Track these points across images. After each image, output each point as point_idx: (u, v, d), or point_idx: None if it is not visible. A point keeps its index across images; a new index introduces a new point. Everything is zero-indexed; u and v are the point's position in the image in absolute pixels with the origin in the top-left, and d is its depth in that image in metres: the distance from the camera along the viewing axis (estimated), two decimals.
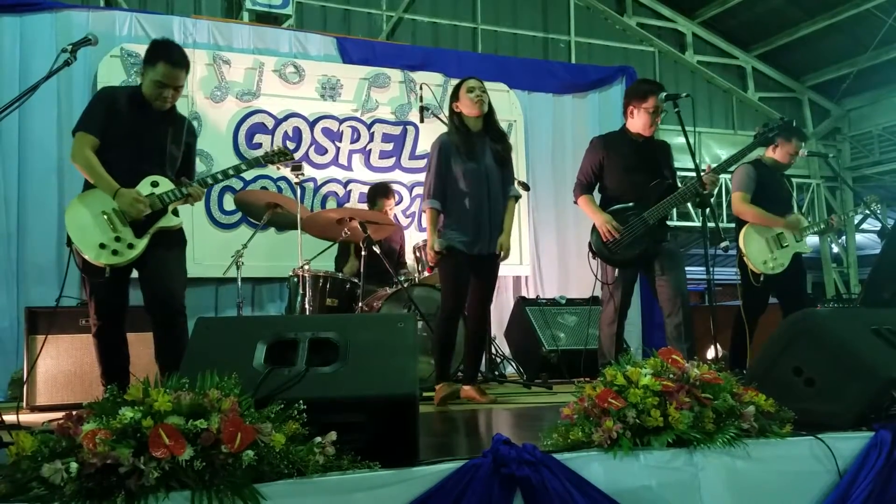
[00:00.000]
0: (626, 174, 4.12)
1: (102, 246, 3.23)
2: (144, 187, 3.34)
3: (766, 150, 4.87)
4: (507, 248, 4.11)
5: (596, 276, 4.16)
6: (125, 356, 3.42)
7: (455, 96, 4.08)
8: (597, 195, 4.27)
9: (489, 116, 4.09)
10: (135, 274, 3.41)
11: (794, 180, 9.19)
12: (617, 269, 4.09)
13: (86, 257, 3.24)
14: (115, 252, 3.24)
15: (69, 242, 3.29)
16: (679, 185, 4.20)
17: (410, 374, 2.03)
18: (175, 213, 3.44)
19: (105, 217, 3.26)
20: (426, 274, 5.02)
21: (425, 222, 4.11)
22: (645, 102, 4.10)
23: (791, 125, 4.49)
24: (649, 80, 4.88)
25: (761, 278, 4.59)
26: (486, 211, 3.99)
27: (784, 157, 4.80)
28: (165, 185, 3.38)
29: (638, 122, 4.14)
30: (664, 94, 4.01)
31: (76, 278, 5.41)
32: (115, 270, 3.26)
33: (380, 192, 5.61)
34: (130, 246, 3.27)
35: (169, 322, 3.31)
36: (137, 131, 3.38)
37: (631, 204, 4.06)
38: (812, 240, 10.55)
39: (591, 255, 4.16)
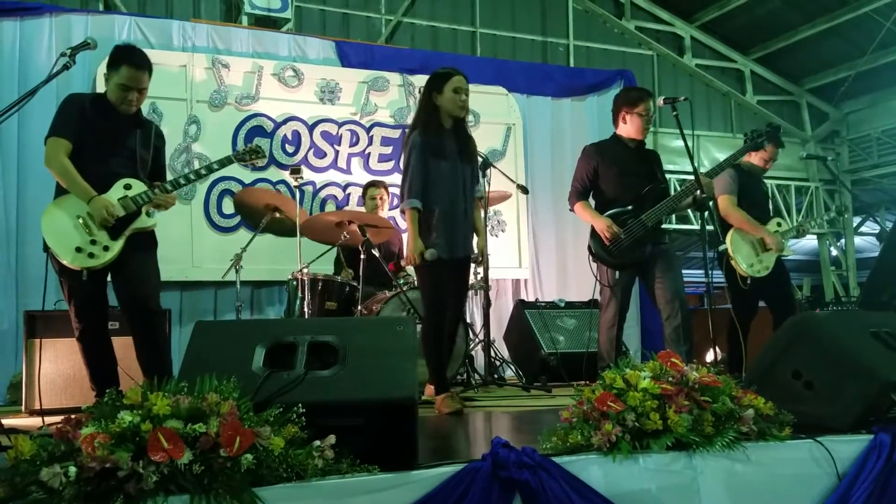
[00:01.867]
0: (620, 178, 4.18)
1: (79, 250, 3.24)
2: (118, 190, 3.35)
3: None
4: (483, 249, 4.09)
5: (597, 279, 4.18)
6: (111, 358, 3.43)
7: (438, 88, 3.80)
8: (591, 202, 4.30)
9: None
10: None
11: (793, 183, 9.24)
12: (617, 272, 4.11)
13: (63, 262, 3.25)
14: (91, 255, 3.25)
15: (46, 248, 3.30)
16: (675, 189, 4.25)
17: (409, 378, 2.03)
18: (149, 214, 3.47)
19: (81, 221, 3.27)
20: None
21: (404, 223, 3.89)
22: (636, 107, 4.18)
23: (777, 131, 4.50)
24: (638, 87, 4.92)
25: (748, 281, 4.61)
26: (463, 211, 3.83)
27: (760, 161, 4.86)
28: (139, 187, 3.40)
29: (630, 128, 4.21)
30: (662, 98, 4.03)
31: None
32: (92, 273, 3.27)
33: (370, 183, 5.64)
34: (106, 248, 3.28)
35: (146, 323, 3.34)
36: (107, 135, 3.40)
37: (629, 207, 4.10)
38: (811, 243, 10.58)
39: (590, 258, 4.19)
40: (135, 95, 3.41)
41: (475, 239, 3.99)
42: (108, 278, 3.40)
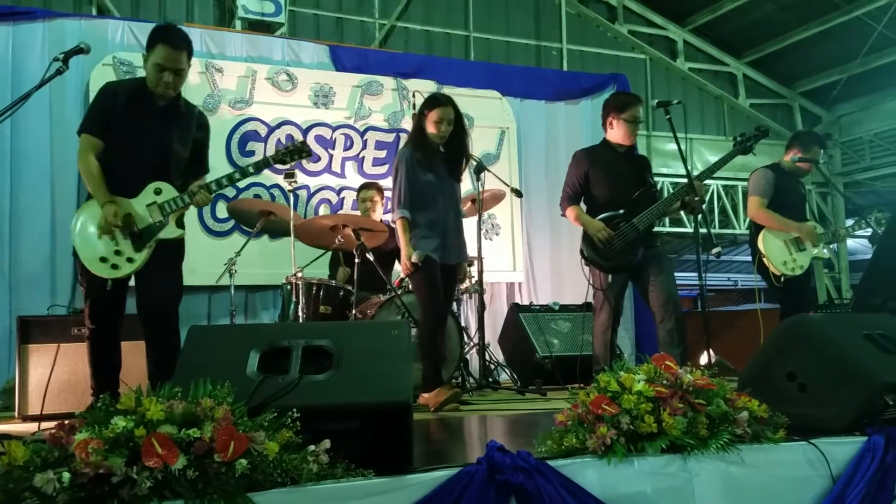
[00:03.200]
0: (611, 183, 4.21)
1: (103, 260, 3.21)
2: (148, 195, 3.28)
3: (786, 154, 4.94)
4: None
5: (590, 283, 4.20)
6: (117, 363, 3.38)
7: (425, 112, 4.07)
8: (584, 206, 4.33)
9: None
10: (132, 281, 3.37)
11: None
12: (609, 276, 4.13)
13: (90, 270, 3.21)
14: (114, 266, 3.21)
15: (75, 253, 3.26)
16: (664, 196, 4.29)
17: (404, 381, 2.03)
18: (179, 223, 3.37)
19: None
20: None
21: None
22: (623, 113, 4.22)
23: (766, 133, 4.40)
24: (627, 92, 4.88)
25: (782, 279, 4.63)
26: (452, 221, 4.10)
27: (804, 163, 4.85)
28: (169, 192, 3.31)
29: (617, 133, 4.25)
30: (655, 101, 4.05)
31: (68, 286, 5.46)
32: (116, 281, 3.22)
33: (363, 186, 5.67)
34: (130, 260, 3.23)
35: (163, 330, 3.27)
36: (140, 131, 3.29)
37: (620, 211, 4.12)
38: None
39: (583, 262, 4.21)
40: (171, 77, 3.26)
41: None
42: (132, 282, 3.35)
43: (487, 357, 5.33)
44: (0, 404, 4.67)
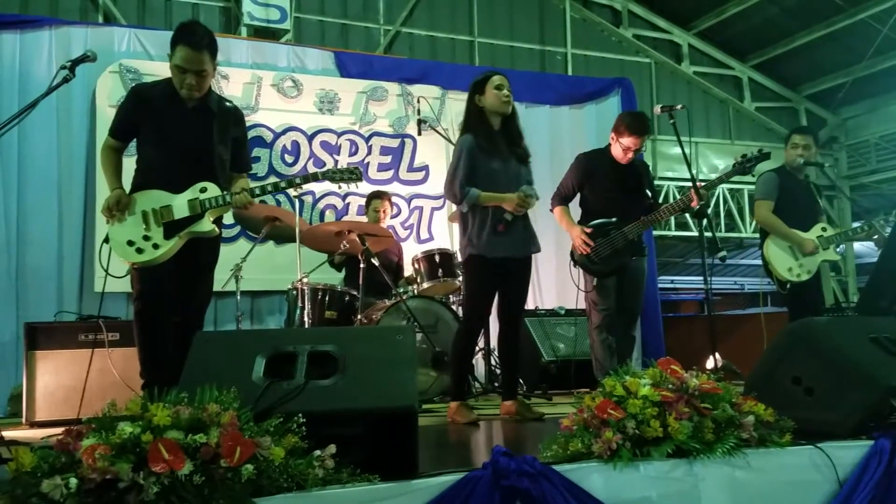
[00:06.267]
0: (607, 193, 4.28)
1: (130, 243, 3.20)
2: (193, 193, 3.26)
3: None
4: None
5: (577, 286, 4.33)
6: (164, 348, 3.24)
7: (479, 90, 3.82)
8: (579, 209, 4.42)
9: (510, 114, 3.87)
10: None
11: None
12: (595, 279, 4.21)
13: (116, 255, 3.22)
14: (139, 250, 3.19)
15: (106, 239, 3.27)
16: (670, 199, 4.31)
17: (409, 387, 2.03)
18: (217, 221, 3.32)
19: (142, 215, 3.23)
20: (424, 286, 5.04)
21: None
22: (622, 137, 4.22)
23: (768, 157, 4.22)
24: (640, 118, 4.33)
25: (787, 286, 4.61)
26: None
27: (790, 158, 4.81)
28: (213, 191, 3.26)
29: (616, 150, 4.30)
30: (659, 106, 4.04)
31: (75, 292, 5.48)
32: (153, 267, 3.19)
33: (375, 195, 5.68)
34: (156, 246, 3.20)
35: (183, 335, 3.16)
36: (172, 134, 3.25)
37: (613, 219, 4.22)
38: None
39: (572, 263, 4.31)
40: (193, 79, 3.17)
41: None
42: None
43: (492, 362, 5.33)
44: (7, 410, 4.70)
